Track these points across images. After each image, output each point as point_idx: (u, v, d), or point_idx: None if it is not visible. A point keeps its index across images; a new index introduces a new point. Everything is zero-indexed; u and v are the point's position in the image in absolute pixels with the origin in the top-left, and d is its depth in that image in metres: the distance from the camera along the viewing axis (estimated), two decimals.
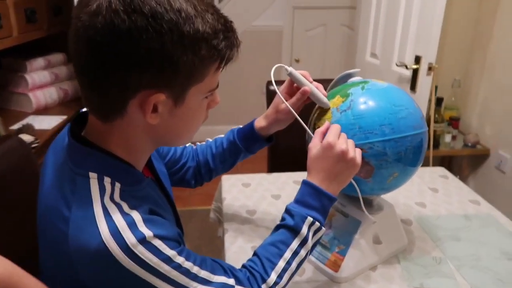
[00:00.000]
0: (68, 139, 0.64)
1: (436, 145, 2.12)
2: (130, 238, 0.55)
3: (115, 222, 0.55)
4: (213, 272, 0.65)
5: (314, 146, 0.75)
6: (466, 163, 2.35)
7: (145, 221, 0.58)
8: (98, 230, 0.54)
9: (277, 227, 0.75)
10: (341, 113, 0.81)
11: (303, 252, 0.72)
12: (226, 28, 0.59)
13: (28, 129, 1.57)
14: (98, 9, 0.52)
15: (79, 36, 0.54)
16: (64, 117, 1.82)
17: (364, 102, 0.81)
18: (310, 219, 0.72)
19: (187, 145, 1.03)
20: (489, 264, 0.91)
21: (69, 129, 0.65)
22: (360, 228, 0.89)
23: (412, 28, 1.79)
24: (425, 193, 1.22)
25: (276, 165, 1.71)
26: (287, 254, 0.71)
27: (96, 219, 0.55)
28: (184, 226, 0.85)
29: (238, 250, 0.96)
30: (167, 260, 0.58)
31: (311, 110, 0.91)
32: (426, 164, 1.97)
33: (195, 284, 0.61)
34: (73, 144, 0.63)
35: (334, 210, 0.96)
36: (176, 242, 0.61)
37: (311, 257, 0.91)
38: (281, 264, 0.71)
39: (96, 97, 0.58)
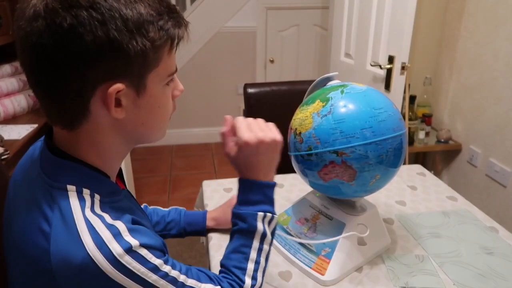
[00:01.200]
0: (42, 151, 0.62)
1: (411, 142, 2.17)
2: (116, 248, 0.53)
3: (100, 234, 0.53)
4: (200, 280, 0.65)
5: (231, 149, 0.74)
6: (439, 158, 2.42)
7: (130, 230, 0.56)
8: (82, 243, 0.52)
9: (233, 233, 0.75)
10: (322, 118, 0.81)
11: (266, 247, 0.74)
12: (170, 9, 0.58)
13: None
14: (36, 13, 0.51)
15: (23, 45, 0.53)
16: (35, 125, 1.75)
17: (344, 106, 0.81)
18: (261, 214, 0.73)
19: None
20: (470, 259, 0.93)
21: (43, 140, 0.63)
22: (345, 230, 0.90)
23: (385, 28, 1.83)
24: (405, 191, 1.24)
25: None
26: (253, 255, 0.72)
27: (79, 232, 0.53)
28: None
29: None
30: (154, 269, 0.57)
31: (292, 115, 0.91)
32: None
33: None
34: (47, 156, 0.60)
35: (319, 213, 0.96)
36: (161, 251, 0.60)
37: (297, 262, 0.91)
38: (250, 266, 0.72)
39: (56, 105, 0.56)
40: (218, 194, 1.24)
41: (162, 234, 1.00)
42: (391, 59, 1.80)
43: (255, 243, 0.73)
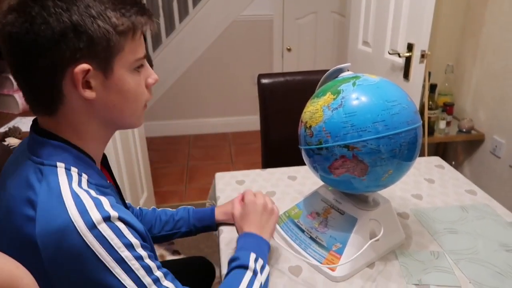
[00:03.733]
0: (30, 136, 0.66)
1: (431, 132, 2.11)
2: (95, 215, 0.56)
3: (83, 201, 0.57)
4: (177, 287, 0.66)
5: (237, 209, 0.89)
6: (461, 149, 2.35)
7: (113, 205, 0.59)
8: (66, 208, 0.56)
9: (226, 275, 0.77)
10: (332, 111, 0.79)
11: (256, 285, 0.75)
12: (133, 1, 0.63)
13: (14, 131, 1.53)
14: (10, 7, 0.58)
15: (2, 35, 0.59)
16: None
17: (355, 99, 0.78)
18: (253, 255, 0.78)
19: (136, 207, 1.04)
20: (487, 257, 0.90)
21: (31, 127, 0.68)
22: (357, 225, 0.88)
23: (404, 15, 1.76)
24: (421, 185, 1.20)
25: (271, 156, 1.69)
26: (244, 283, 0.74)
27: (64, 199, 0.57)
28: None
29: (233, 251, 0.94)
30: (129, 246, 0.58)
31: (303, 108, 0.89)
32: (421, 153, 1.97)
33: None
34: (36, 139, 0.64)
35: (330, 208, 0.94)
36: (142, 237, 0.62)
37: (308, 256, 0.90)
38: None
39: (33, 91, 0.61)
40: (231, 186, 1.23)
41: (172, 233, 1.01)
42: (410, 47, 1.74)
43: (247, 276, 0.75)
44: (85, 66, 0.59)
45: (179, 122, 3.55)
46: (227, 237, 0.99)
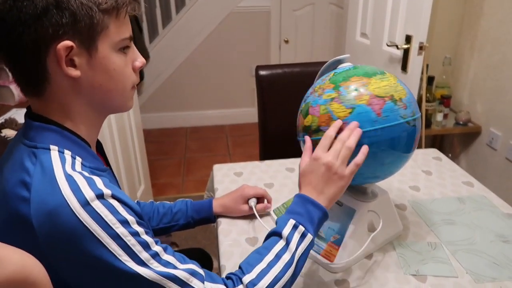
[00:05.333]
0: (25, 122, 0.66)
1: (428, 124, 2.11)
2: (89, 193, 0.56)
3: (76, 181, 0.57)
4: (181, 261, 0.63)
5: (303, 161, 0.77)
6: (457, 141, 2.36)
7: (105, 184, 0.59)
8: (59, 188, 0.56)
9: (265, 238, 0.73)
10: (404, 88, 0.81)
11: (286, 256, 0.68)
12: None
13: (11, 123, 1.52)
14: None
15: None
16: None
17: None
18: (292, 221, 0.70)
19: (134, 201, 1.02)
20: (484, 247, 0.91)
21: (25, 113, 0.68)
22: (355, 216, 0.88)
23: (402, 7, 1.76)
24: (419, 176, 1.21)
25: (268, 147, 1.69)
26: (269, 257, 0.68)
27: (58, 180, 0.57)
28: None
29: (232, 243, 0.95)
30: (124, 222, 0.58)
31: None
32: (419, 145, 1.97)
33: (155, 263, 0.60)
34: (29, 123, 0.65)
35: None
36: (137, 214, 0.61)
37: None
38: (261, 265, 0.67)
39: (19, 69, 0.62)
40: (229, 178, 1.23)
41: (170, 225, 1.00)
42: (408, 39, 1.73)
43: (276, 247, 0.69)
44: (67, 42, 0.59)
45: (176, 114, 3.54)
46: (225, 229, 0.99)
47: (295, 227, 0.70)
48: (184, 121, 3.56)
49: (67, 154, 0.62)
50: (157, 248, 0.61)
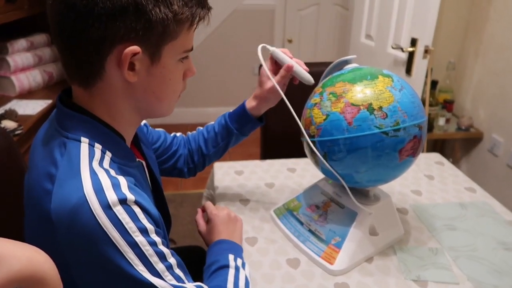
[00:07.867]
0: (58, 107, 0.64)
1: (430, 128, 2.11)
2: (111, 196, 0.54)
3: (100, 180, 0.55)
4: (188, 279, 0.64)
5: (202, 226, 0.92)
6: (459, 146, 2.35)
7: (130, 188, 0.57)
8: (82, 185, 0.54)
9: (206, 280, 0.76)
10: (400, 91, 0.78)
11: (242, 277, 0.75)
12: None
13: (11, 114, 1.51)
14: None
15: None
16: (49, 101, 1.75)
17: (405, 83, 0.81)
18: (231, 255, 0.78)
19: (177, 134, 1.04)
20: (486, 254, 0.90)
21: (59, 97, 0.65)
22: (357, 219, 0.87)
23: (409, 9, 1.74)
24: (421, 181, 1.20)
25: (269, 146, 1.68)
26: (230, 279, 0.74)
27: (81, 175, 0.55)
28: (175, 210, 0.87)
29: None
30: (143, 230, 0.57)
31: (307, 98, 0.87)
32: None
33: (169, 276, 0.59)
34: (64, 111, 0.62)
35: (330, 201, 0.93)
36: (156, 223, 0.60)
37: (306, 250, 0.89)
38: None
39: (75, 60, 0.59)
40: (229, 177, 1.22)
41: (222, 145, 1.00)
42: (413, 42, 1.72)
43: (230, 274, 0.75)
44: (136, 48, 0.57)
45: (178, 110, 3.51)
46: (222, 194, 0.98)
47: (235, 259, 0.78)
48: (185, 118, 3.54)
49: (97, 148, 0.60)
50: (172, 260, 0.61)
